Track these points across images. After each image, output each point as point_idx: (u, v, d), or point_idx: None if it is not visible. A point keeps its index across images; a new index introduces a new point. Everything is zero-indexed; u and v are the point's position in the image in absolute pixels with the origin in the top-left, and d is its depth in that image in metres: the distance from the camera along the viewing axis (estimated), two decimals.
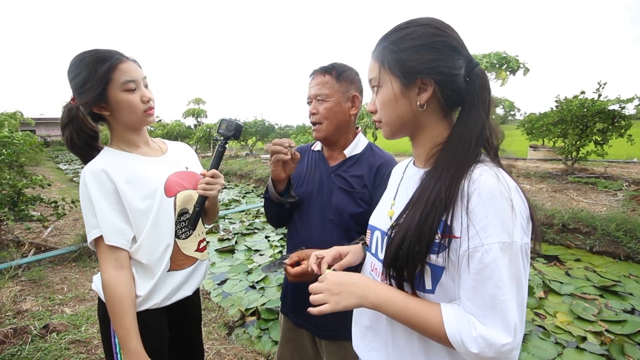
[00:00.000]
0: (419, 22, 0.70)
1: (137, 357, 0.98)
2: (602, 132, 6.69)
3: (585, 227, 4.66)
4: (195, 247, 1.17)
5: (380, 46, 0.74)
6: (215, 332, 2.60)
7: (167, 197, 1.07)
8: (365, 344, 0.82)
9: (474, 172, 0.63)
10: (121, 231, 1.00)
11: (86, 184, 0.98)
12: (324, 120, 1.19)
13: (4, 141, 3.63)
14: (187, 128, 20.83)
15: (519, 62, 7.92)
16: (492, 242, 0.58)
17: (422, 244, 0.63)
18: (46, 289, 3.07)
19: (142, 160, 1.09)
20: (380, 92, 0.74)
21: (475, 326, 0.59)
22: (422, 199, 0.66)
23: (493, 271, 0.58)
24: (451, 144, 0.68)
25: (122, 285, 0.98)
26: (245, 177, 11.39)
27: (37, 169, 12.16)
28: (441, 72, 0.67)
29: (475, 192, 0.60)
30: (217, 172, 1.13)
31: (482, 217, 0.59)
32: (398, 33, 0.71)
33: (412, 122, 0.73)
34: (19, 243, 4.00)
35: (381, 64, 0.72)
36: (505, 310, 0.57)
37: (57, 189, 8.15)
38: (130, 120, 1.05)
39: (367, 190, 1.19)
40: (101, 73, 0.96)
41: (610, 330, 2.79)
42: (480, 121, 0.67)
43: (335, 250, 0.90)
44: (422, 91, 0.70)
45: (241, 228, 5.96)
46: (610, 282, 3.60)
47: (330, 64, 1.22)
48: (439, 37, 0.68)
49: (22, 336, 2.28)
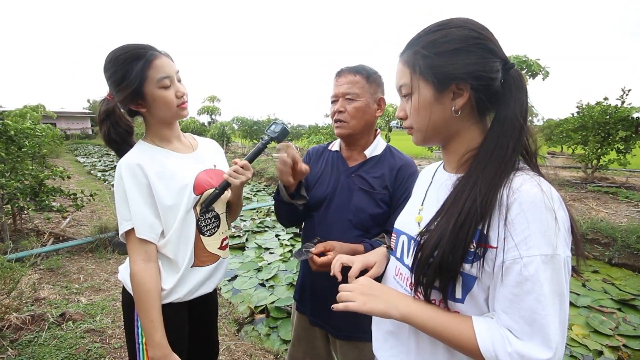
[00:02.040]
0: (453, 24, 0.67)
1: (162, 349, 1.00)
2: (624, 140, 6.48)
3: (604, 237, 4.52)
4: (219, 244, 1.18)
5: (411, 50, 0.70)
6: (226, 327, 2.62)
7: (195, 194, 1.08)
8: (386, 348, 0.81)
9: (513, 181, 0.60)
10: (152, 225, 1.02)
11: (122, 177, 1.01)
12: (351, 119, 1.19)
13: (27, 133, 3.74)
14: (202, 125, 21.12)
15: (540, 65, 7.74)
16: (533, 254, 0.56)
17: (457, 254, 0.61)
18: (63, 278, 3.16)
19: (174, 156, 1.11)
20: (411, 99, 0.70)
21: (511, 341, 0.56)
22: (456, 207, 0.63)
23: (534, 285, 0.55)
24: (486, 150, 0.65)
25: (150, 277, 1.00)
26: (257, 175, 11.47)
27: (57, 160, 12.53)
28: (478, 76, 0.65)
29: (515, 202, 0.58)
30: (247, 164, 1.13)
31: (523, 229, 0.57)
32: (430, 36, 0.68)
33: (446, 128, 0.70)
34: (38, 232, 4.13)
35: (412, 69, 0.69)
36: (545, 325, 0.55)
37: (75, 181, 8.38)
38: (166, 115, 1.07)
39: (388, 191, 1.19)
40: (137, 71, 0.98)
41: (627, 346, 2.71)
42: (518, 126, 0.64)
43: (361, 262, 0.87)
44: (457, 96, 0.67)
45: (252, 226, 6.00)
46: (630, 295, 3.49)
47: (359, 65, 1.22)
48: (475, 39, 0.65)
49: (40, 323, 2.35)
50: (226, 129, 18.71)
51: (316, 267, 1.07)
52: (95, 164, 14.65)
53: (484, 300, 0.64)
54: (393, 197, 1.19)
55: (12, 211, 3.99)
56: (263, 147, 1.17)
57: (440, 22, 0.69)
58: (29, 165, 3.89)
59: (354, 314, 0.72)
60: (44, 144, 4.05)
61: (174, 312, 1.08)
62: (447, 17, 0.71)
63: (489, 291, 0.63)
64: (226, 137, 18.70)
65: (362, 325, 1.07)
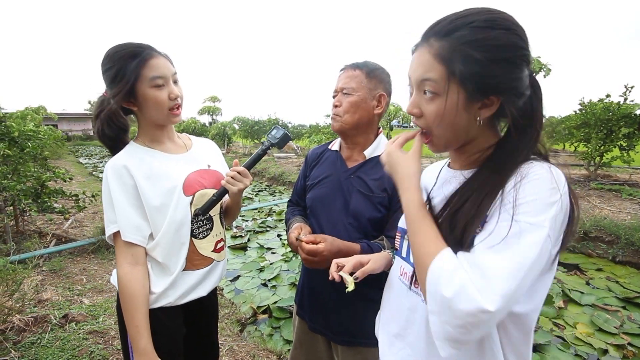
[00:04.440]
0: (502, 25, 0.60)
1: (146, 356, 0.97)
2: (627, 137, 6.44)
3: (608, 235, 4.49)
4: (212, 247, 1.15)
5: (447, 44, 0.61)
6: (228, 328, 2.62)
7: (185, 195, 1.06)
8: (393, 352, 0.79)
9: (522, 167, 0.60)
10: (138, 227, 1.00)
11: (107, 179, 0.99)
12: (345, 113, 1.17)
13: (30, 135, 3.75)
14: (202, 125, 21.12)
15: (541, 63, 7.70)
16: (523, 219, 0.55)
17: (464, 245, 0.60)
18: (66, 280, 3.16)
19: (163, 157, 1.09)
20: (437, 100, 0.64)
21: (468, 277, 0.54)
22: (463, 201, 0.63)
23: (510, 247, 0.54)
24: (500, 156, 0.65)
25: (136, 281, 0.98)
26: (258, 175, 11.47)
27: (59, 162, 12.55)
28: (516, 93, 0.61)
29: (524, 180, 0.58)
30: (245, 170, 1.10)
31: (524, 195, 0.56)
32: (475, 33, 0.59)
33: (465, 135, 0.68)
34: (40, 234, 4.13)
35: (450, 70, 0.61)
36: (502, 280, 0.52)
37: (77, 182, 8.39)
38: (156, 116, 1.05)
39: (387, 194, 1.15)
40: (131, 69, 0.97)
41: (633, 344, 2.69)
42: (535, 135, 0.64)
43: (355, 260, 0.87)
44: (484, 106, 0.63)
45: (254, 226, 6.00)
46: (634, 293, 3.47)
47: (363, 61, 1.20)
48: (522, 49, 0.60)
49: (42, 325, 2.35)
50: (227, 129, 18.72)
51: (304, 254, 1.06)
52: (97, 165, 14.67)
53: None
54: (392, 201, 1.15)
55: (15, 213, 3.99)
56: (263, 154, 1.14)
57: (485, 15, 0.61)
58: (31, 167, 3.90)
59: (352, 319, 0.71)
60: (46, 145, 4.06)
61: (168, 317, 1.07)
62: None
63: None
64: (227, 138, 18.70)
65: (363, 330, 1.05)
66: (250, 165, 1.12)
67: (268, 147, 1.15)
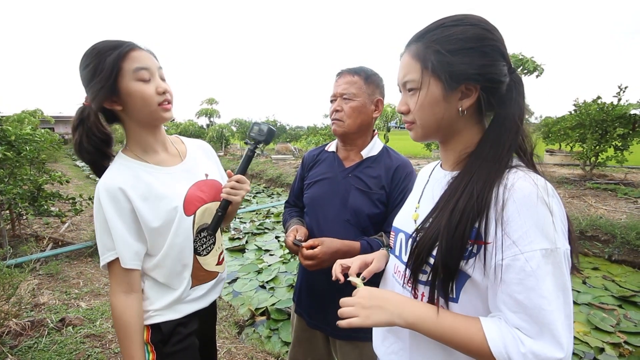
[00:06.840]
0: (468, 21, 0.65)
1: None
2: (622, 138, 6.50)
3: (603, 234, 4.53)
4: (216, 261, 1.13)
5: (421, 44, 0.67)
6: (226, 330, 2.62)
7: (186, 216, 1.00)
8: (385, 346, 0.81)
9: (508, 178, 0.61)
10: (137, 253, 0.95)
11: (101, 203, 0.90)
12: (347, 118, 1.20)
13: (26, 138, 3.74)
14: (200, 128, 21.09)
15: (535, 63, 7.77)
16: (533, 249, 0.55)
17: (455, 252, 0.61)
18: (63, 283, 3.14)
19: (159, 172, 1.00)
20: (418, 94, 0.68)
21: (523, 341, 0.55)
22: (450, 204, 0.64)
23: (537, 280, 0.55)
24: (482, 149, 0.66)
25: (130, 310, 0.94)
26: (256, 177, 11.46)
27: (56, 165, 12.50)
28: (490, 78, 0.64)
29: (510, 199, 0.58)
30: (242, 177, 1.07)
31: (520, 225, 0.56)
32: (444, 31, 0.65)
33: (449, 126, 0.70)
34: (37, 237, 4.12)
35: (423, 64, 0.67)
36: (553, 322, 0.54)
37: (74, 186, 8.35)
38: (144, 114, 0.94)
39: (384, 191, 1.20)
40: (110, 62, 0.86)
41: (629, 342, 2.71)
42: (515, 127, 0.64)
43: (360, 260, 0.88)
44: (464, 96, 0.66)
45: (252, 228, 6.00)
46: (630, 292, 3.49)
47: (359, 67, 1.24)
48: (490, 40, 0.64)
49: (39, 329, 2.34)
50: (225, 131, 18.71)
51: (303, 259, 1.09)
52: None
53: (478, 299, 0.64)
54: (390, 198, 1.20)
55: (11, 216, 3.98)
56: (252, 154, 1.12)
57: (455, 17, 0.67)
58: (27, 171, 3.88)
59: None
60: (43, 149, 4.05)
61: (184, 327, 1.05)
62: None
63: (487, 291, 0.62)
64: (225, 140, 18.69)
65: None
66: (243, 169, 1.10)
67: (255, 145, 1.12)
